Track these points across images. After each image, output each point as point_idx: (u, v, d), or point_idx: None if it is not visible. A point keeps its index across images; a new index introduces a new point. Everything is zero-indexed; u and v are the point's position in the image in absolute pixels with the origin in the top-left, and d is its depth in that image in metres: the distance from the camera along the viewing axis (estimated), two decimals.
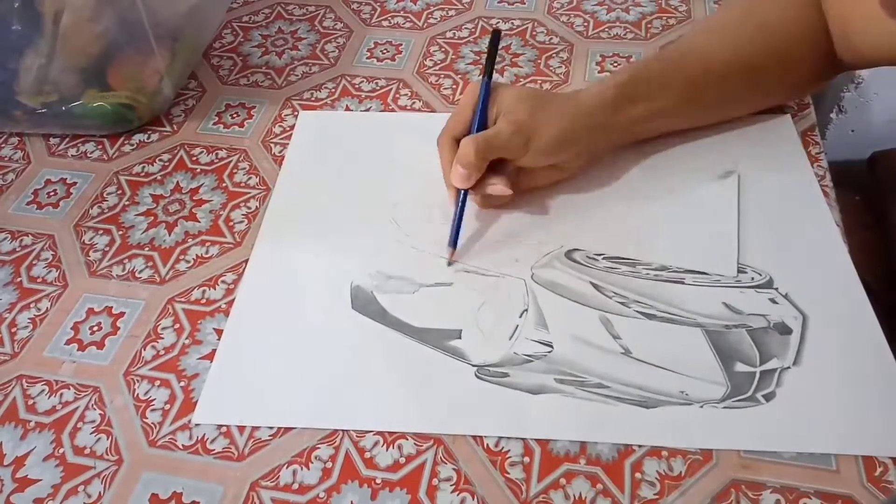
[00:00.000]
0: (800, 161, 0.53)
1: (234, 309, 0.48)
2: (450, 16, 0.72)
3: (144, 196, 0.56)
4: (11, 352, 0.47)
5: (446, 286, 0.48)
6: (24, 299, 0.50)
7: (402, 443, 0.40)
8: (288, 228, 0.53)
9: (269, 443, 0.41)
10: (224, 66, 0.68)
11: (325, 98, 0.64)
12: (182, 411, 0.43)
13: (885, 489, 0.37)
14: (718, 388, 0.41)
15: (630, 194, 0.52)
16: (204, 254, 0.52)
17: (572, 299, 0.46)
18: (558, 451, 0.40)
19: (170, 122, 0.63)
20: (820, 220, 0.49)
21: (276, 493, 0.39)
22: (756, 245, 0.48)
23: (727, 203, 0.51)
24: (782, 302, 0.45)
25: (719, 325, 0.44)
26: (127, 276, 0.51)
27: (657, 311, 0.45)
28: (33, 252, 0.53)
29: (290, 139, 0.60)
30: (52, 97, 0.58)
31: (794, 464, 0.38)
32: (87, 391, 0.44)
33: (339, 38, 0.70)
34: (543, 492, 0.38)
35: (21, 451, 0.42)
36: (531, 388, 0.42)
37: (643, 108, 0.51)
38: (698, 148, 0.55)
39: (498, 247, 0.50)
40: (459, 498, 0.38)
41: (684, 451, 0.39)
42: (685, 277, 0.47)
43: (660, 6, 0.70)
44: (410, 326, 0.46)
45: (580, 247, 0.49)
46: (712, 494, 0.37)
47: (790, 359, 0.42)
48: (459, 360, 0.44)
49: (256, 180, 0.57)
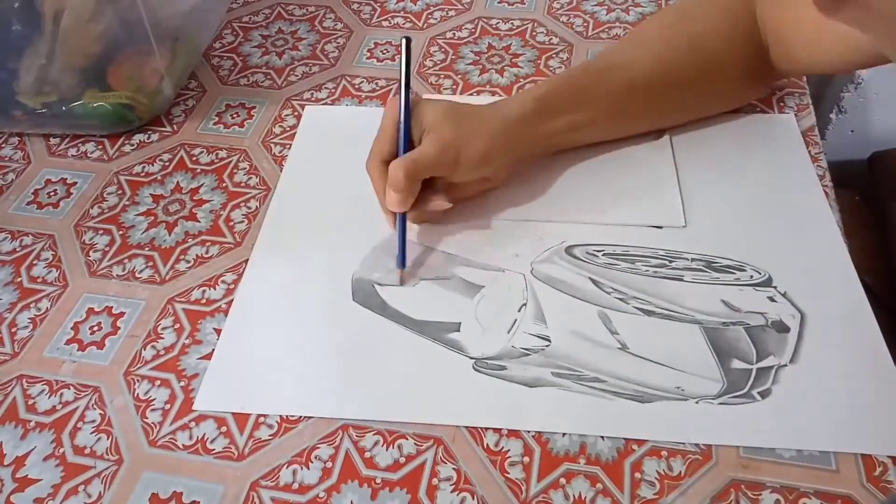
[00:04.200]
0: (801, 160, 0.54)
1: (236, 299, 0.48)
2: (450, 16, 0.72)
3: (144, 196, 0.57)
4: (11, 352, 0.47)
5: (446, 279, 0.48)
6: (25, 299, 0.50)
7: (402, 442, 0.40)
8: (291, 221, 0.53)
9: (270, 442, 0.41)
10: (224, 67, 0.68)
11: (325, 98, 0.64)
12: (182, 411, 0.43)
13: (884, 489, 0.37)
14: (714, 384, 0.41)
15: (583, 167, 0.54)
16: (204, 254, 0.52)
17: (571, 294, 0.46)
18: (558, 450, 0.40)
19: (170, 122, 0.63)
20: (820, 220, 0.49)
21: (276, 493, 0.39)
22: (756, 243, 0.48)
23: (665, 162, 0.54)
24: (781, 300, 0.45)
25: (717, 323, 0.44)
26: (127, 276, 0.51)
27: (656, 307, 0.45)
28: (33, 252, 0.53)
29: (291, 139, 0.60)
30: (52, 97, 0.58)
31: (794, 463, 0.38)
32: (87, 391, 0.44)
33: (339, 39, 0.70)
34: (543, 491, 0.38)
35: (21, 450, 0.42)
36: (528, 382, 0.42)
37: (564, 121, 0.51)
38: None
39: (498, 242, 0.50)
40: (459, 498, 0.38)
41: (684, 451, 0.39)
42: (684, 275, 0.47)
43: (659, 6, 0.70)
44: (410, 319, 0.46)
45: (576, 238, 0.49)
46: (712, 494, 0.37)
47: (787, 356, 0.42)
48: (458, 353, 0.44)
49: (256, 180, 0.57)
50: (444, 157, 0.46)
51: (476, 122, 0.48)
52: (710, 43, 0.52)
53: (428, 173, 0.47)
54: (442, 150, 0.46)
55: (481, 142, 0.47)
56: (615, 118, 0.53)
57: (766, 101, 0.59)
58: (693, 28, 0.53)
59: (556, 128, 0.51)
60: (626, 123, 0.55)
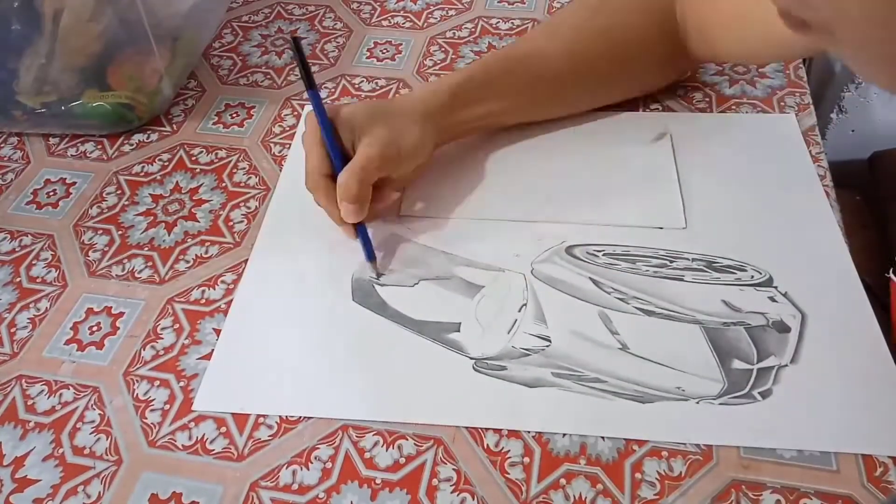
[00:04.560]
0: (801, 160, 0.53)
1: (235, 299, 0.48)
2: (450, 16, 0.72)
3: (144, 196, 0.56)
4: (11, 352, 0.47)
5: (446, 279, 0.48)
6: (24, 299, 0.50)
7: (401, 443, 0.40)
8: (290, 221, 0.53)
9: (269, 443, 0.41)
10: (224, 66, 0.68)
11: (324, 98, 0.64)
12: (181, 411, 0.43)
13: (885, 489, 0.37)
14: (715, 384, 0.41)
15: (583, 167, 0.55)
16: (203, 254, 0.52)
17: (571, 294, 0.46)
18: (558, 451, 0.40)
19: (169, 121, 0.63)
20: (820, 220, 0.49)
21: (276, 494, 0.39)
22: (756, 243, 0.48)
23: (666, 162, 0.54)
24: (781, 300, 0.45)
25: (718, 323, 0.44)
26: (126, 276, 0.51)
27: (656, 307, 0.45)
28: (33, 252, 0.53)
29: (291, 138, 0.60)
30: (51, 97, 0.58)
31: (795, 464, 0.38)
32: (86, 391, 0.44)
33: (338, 38, 0.70)
34: (543, 492, 0.38)
35: (20, 451, 0.42)
36: (528, 382, 0.42)
37: (480, 109, 0.52)
38: (633, 117, 0.58)
39: (499, 242, 0.50)
40: (459, 498, 0.38)
41: (684, 452, 0.39)
42: (685, 275, 0.47)
43: None
44: (410, 319, 0.46)
45: (578, 238, 0.49)
46: (712, 494, 0.37)
47: (788, 357, 0.42)
48: (458, 353, 0.44)
49: (256, 180, 0.57)
50: (387, 153, 0.47)
51: (401, 115, 0.49)
52: (623, 35, 0.54)
53: (377, 174, 0.47)
54: (382, 148, 0.47)
55: (414, 132, 0.49)
56: (529, 106, 0.55)
57: (766, 101, 0.59)
58: (606, 22, 0.54)
59: (472, 115, 0.53)
60: (538, 110, 0.56)
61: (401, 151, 0.48)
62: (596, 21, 0.54)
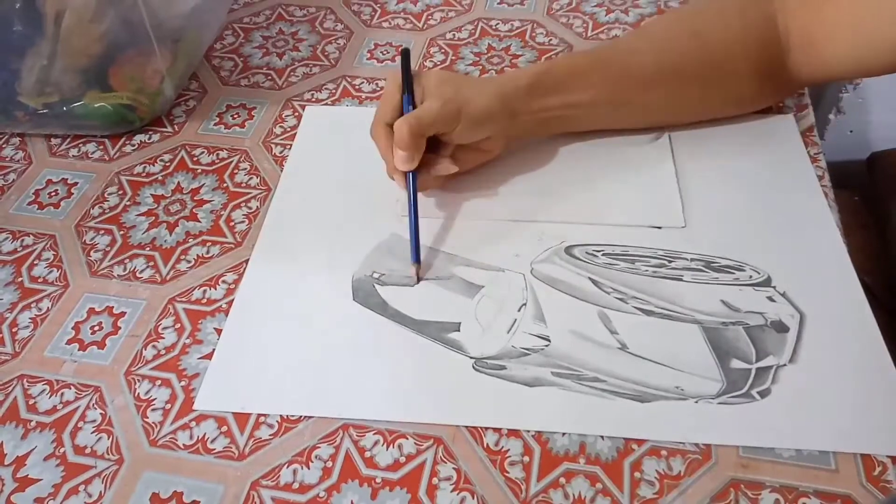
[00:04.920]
0: (800, 160, 0.54)
1: (236, 299, 0.48)
2: (450, 17, 0.72)
3: (145, 196, 0.57)
4: (12, 351, 0.47)
5: (446, 279, 0.48)
6: (26, 299, 0.50)
7: (402, 442, 0.41)
8: (291, 221, 0.53)
9: (270, 442, 0.41)
10: (225, 67, 0.68)
11: (325, 99, 0.64)
12: (183, 411, 0.43)
13: (883, 489, 0.37)
14: (714, 384, 0.41)
15: (583, 167, 0.55)
16: (205, 254, 0.52)
17: (571, 294, 0.46)
18: (558, 450, 0.40)
19: (171, 122, 0.63)
20: (819, 220, 0.50)
21: (277, 493, 0.39)
22: (755, 243, 0.48)
23: (664, 162, 0.54)
24: (780, 300, 0.45)
25: (717, 322, 0.44)
26: (128, 275, 0.51)
27: (655, 307, 0.45)
28: (34, 252, 0.53)
29: (292, 139, 0.60)
30: (53, 98, 0.58)
31: (793, 463, 0.38)
32: (87, 391, 0.44)
33: (339, 40, 0.70)
34: (543, 491, 0.38)
35: (22, 450, 0.42)
36: (528, 381, 0.42)
37: (557, 99, 0.51)
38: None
39: (498, 242, 0.50)
40: (459, 497, 0.38)
41: (683, 451, 0.39)
42: (683, 275, 0.47)
43: (658, 7, 0.70)
44: (410, 319, 0.46)
45: (577, 238, 0.49)
46: (711, 494, 0.37)
47: (786, 356, 0.42)
48: (458, 353, 0.44)
49: (257, 181, 0.57)
50: (446, 111, 0.48)
51: (474, 84, 0.50)
52: (719, 42, 0.52)
53: (432, 130, 0.48)
54: (443, 104, 0.48)
55: (481, 100, 0.49)
56: (609, 106, 0.53)
57: None
58: (700, 25, 0.53)
59: (550, 105, 0.51)
60: (623, 112, 0.55)
61: (461, 113, 0.48)
62: (689, 23, 0.53)
